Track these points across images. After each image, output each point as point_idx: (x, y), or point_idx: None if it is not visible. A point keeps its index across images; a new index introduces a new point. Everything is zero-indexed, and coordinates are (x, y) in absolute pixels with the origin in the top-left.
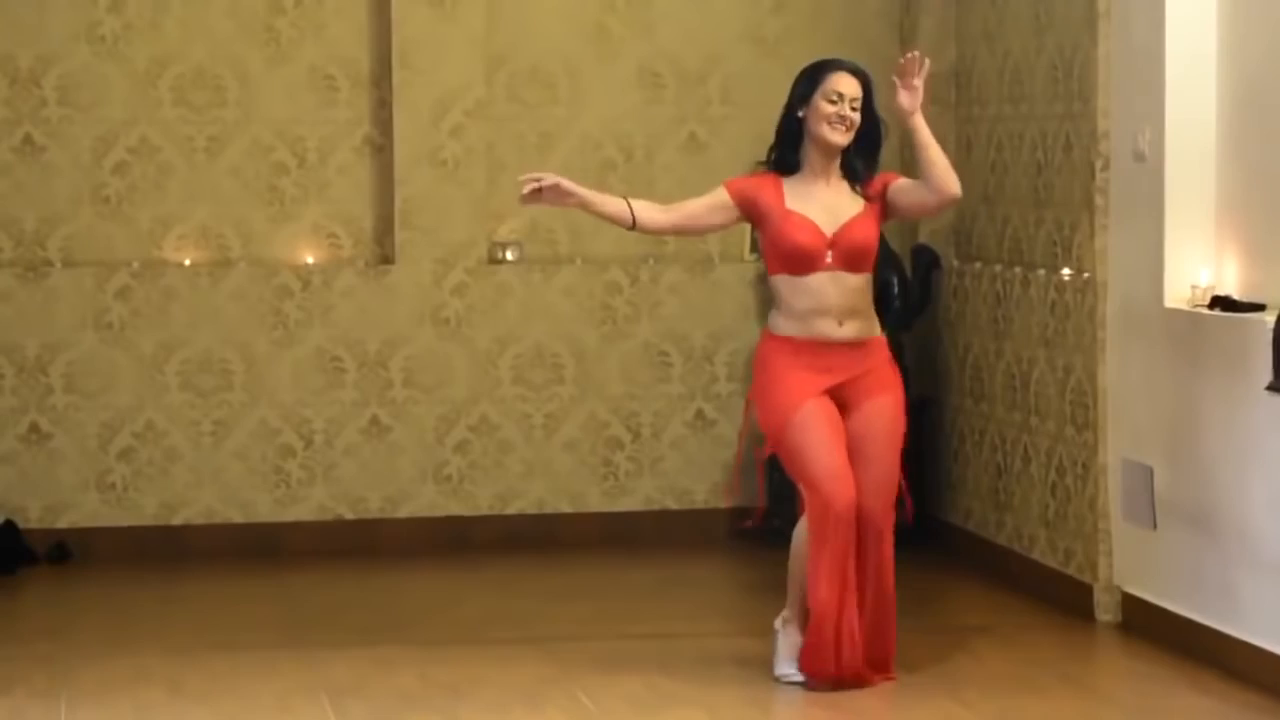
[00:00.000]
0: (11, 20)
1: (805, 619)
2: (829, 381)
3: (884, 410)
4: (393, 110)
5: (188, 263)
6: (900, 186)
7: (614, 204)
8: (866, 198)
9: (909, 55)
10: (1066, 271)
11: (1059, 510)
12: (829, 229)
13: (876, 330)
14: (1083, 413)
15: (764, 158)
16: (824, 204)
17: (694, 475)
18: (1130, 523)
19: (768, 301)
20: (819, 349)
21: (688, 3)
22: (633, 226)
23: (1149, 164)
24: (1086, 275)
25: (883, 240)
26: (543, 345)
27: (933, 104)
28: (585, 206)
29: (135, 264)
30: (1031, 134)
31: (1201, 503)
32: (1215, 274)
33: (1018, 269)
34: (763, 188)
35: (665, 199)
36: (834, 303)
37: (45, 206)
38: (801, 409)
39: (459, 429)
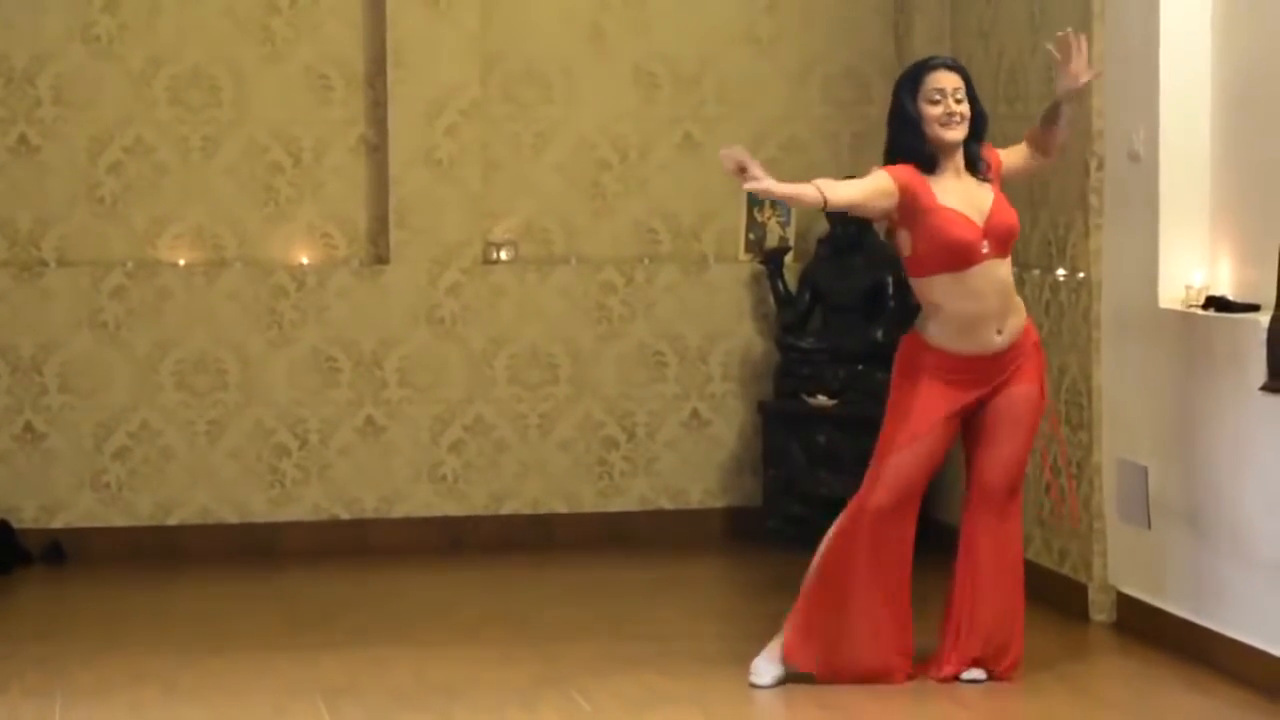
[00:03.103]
0: (6, 20)
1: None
2: (972, 395)
3: (1022, 398)
4: (387, 110)
5: (182, 263)
6: (1007, 160)
7: (797, 186)
8: (991, 179)
9: (1066, 34)
10: (1061, 272)
11: (1054, 510)
12: (979, 219)
13: (1024, 318)
14: (1077, 412)
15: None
16: (965, 198)
17: (689, 475)
18: (1125, 522)
19: (763, 301)
20: (973, 363)
21: (682, 3)
22: (825, 204)
23: (1143, 164)
24: (1081, 275)
25: (879, 239)
26: (538, 345)
27: None
28: (771, 193)
29: (130, 264)
30: None
31: (1196, 502)
32: (1209, 274)
33: (1014, 269)
34: (918, 182)
35: (660, 200)
36: (994, 303)
37: (40, 206)
38: (922, 439)
39: (454, 429)
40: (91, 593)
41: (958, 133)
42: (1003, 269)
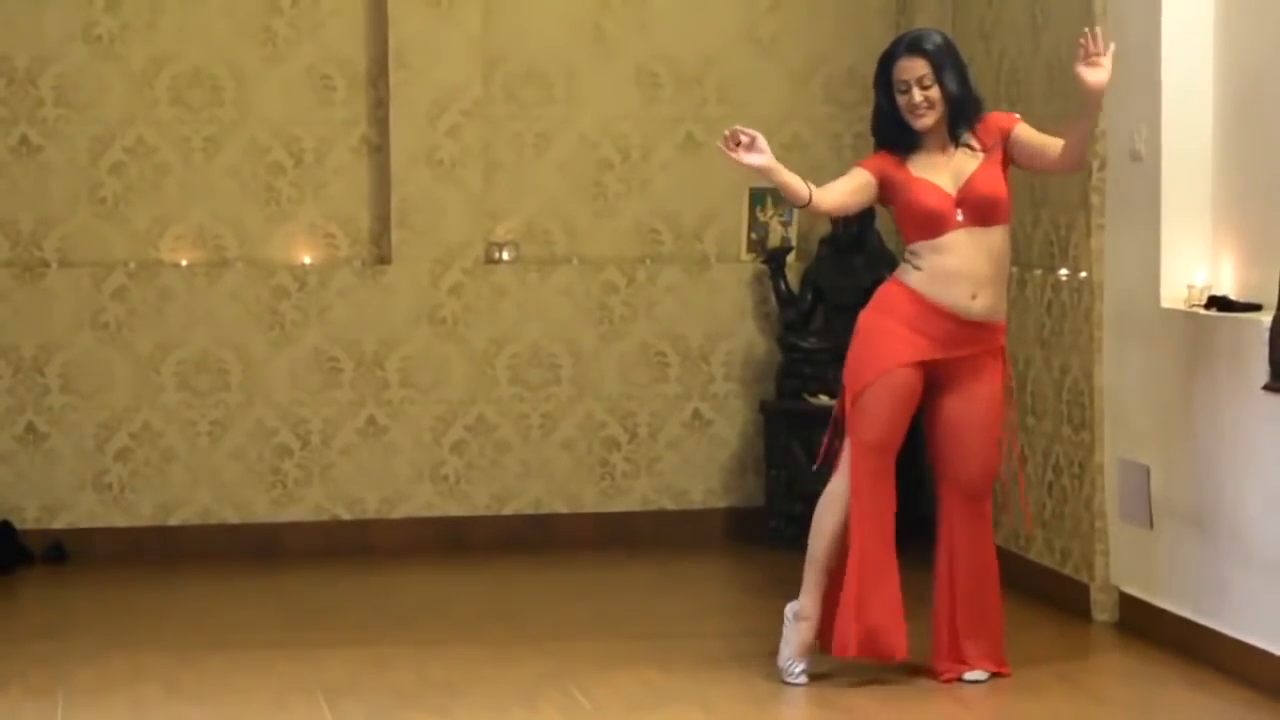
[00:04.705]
0: (8, 20)
1: (820, 612)
2: (932, 353)
3: (986, 398)
4: (389, 110)
5: (184, 263)
6: (1022, 138)
7: (795, 177)
8: (985, 149)
9: (1090, 32)
10: (1063, 271)
11: (1056, 510)
12: (953, 188)
13: (1003, 313)
14: (1079, 412)
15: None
16: (944, 169)
17: (691, 475)
18: (1127, 522)
19: (765, 301)
20: (940, 318)
21: (684, 3)
22: (807, 203)
23: (1145, 164)
24: (1083, 275)
25: (880, 240)
26: (539, 345)
27: None
28: (769, 173)
29: (132, 264)
30: None
31: (1198, 502)
32: (1211, 274)
33: (1015, 269)
34: (889, 162)
35: (662, 200)
36: (974, 265)
37: (42, 207)
38: (888, 375)
39: (456, 429)
40: (93, 592)
41: (926, 119)
42: (987, 238)
